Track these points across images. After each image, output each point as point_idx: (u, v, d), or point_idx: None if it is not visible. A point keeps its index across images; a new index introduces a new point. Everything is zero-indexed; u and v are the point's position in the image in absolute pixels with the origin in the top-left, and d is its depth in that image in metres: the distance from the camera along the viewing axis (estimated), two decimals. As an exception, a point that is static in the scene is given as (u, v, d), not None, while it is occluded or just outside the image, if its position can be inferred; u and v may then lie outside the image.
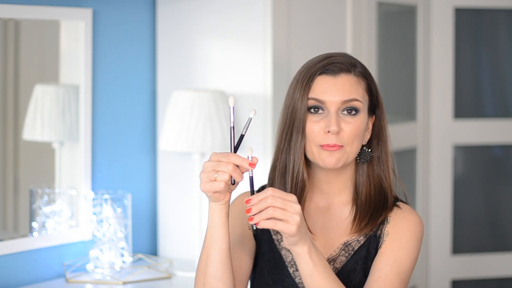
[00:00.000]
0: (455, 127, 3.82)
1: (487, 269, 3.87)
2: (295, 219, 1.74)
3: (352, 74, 1.95)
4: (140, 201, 3.10)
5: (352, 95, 1.93)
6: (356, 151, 1.95)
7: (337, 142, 1.91)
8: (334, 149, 1.91)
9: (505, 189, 3.97)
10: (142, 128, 3.11)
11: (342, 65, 1.95)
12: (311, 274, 1.81)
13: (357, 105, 1.93)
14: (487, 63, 3.93)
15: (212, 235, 1.86)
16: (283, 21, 2.96)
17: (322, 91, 1.93)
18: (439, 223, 3.80)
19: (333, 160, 1.91)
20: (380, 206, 1.97)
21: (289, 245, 1.79)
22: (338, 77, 1.94)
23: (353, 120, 1.93)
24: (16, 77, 2.79)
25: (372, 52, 3.42)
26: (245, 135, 1.81)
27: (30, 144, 2.83)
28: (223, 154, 1.79)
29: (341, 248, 1.97)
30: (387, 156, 2.00)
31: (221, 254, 1.86)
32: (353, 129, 1.92)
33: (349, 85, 1.93)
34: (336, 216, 2.00)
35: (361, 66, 1.98)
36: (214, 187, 1.79)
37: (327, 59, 1.96)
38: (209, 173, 1.79)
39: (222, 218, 1.85)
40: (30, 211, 2.82)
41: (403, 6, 3.72)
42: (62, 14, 2.82)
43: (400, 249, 1.94)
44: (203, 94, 2.86)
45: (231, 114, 1.80)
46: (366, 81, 1.97)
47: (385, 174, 1.99)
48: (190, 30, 3.07)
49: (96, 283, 2.77)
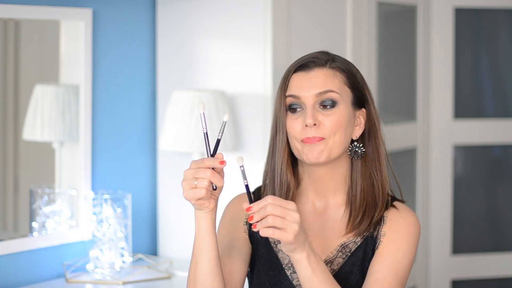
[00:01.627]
0: (455, 127, 3.82)
1: (487, 269, 3.87)
2: (293, 228, 1.74)
3: (326, 67, 1.95)
4: (140, 201, 3.10)
5: (327, 87, 1.93)
6: (341, 143, 1.94)
7: (317, 134, 1.91)
8: (315, 141, 1.91)
9: (505, 189, 3.97)
10: (142, 128, 3.11)
11: (316, 60, 1.96)
12: (309, 279, 1.81)
13: (333, 96, 1.93)
14: (487, 63, 3.93)
15: (200, 244, 1.87)
16: (283, 21, 2.96)
17: (296, 87, 1.94)
18: (439, 223, 3.80)
19: (315, 153, 1.91)
20: (373, 203, 1.97)
21: (288, 252, 1.80)
22: (311, 72, 1.95)
23: (331, 113, 1.93)
24: (16, 77, 2.79)
25: (372, 52, 3.42)
26: (221, 139, 1.82)
27: (30, 144, 2.83)
28: (199, 160, 1.80)
29: (338, 250, 1.97)
30: (379, 152, 1.99)
31: (209, 262, 1.87)
32: (332, 121, 1.92)
33: (323, 78, 1.94)
34: (332, 217, 2.00)
35: (342, 62, 1.97)
36: (196, 194, 1.80)
37: (302, 58, 1.98)
38: (190, 180, 1.81)
39: (209, 226, 1.86)
40: (30, 211, 2.82)
41: (403, 6, 3.72)
42: (62, 14, 2.82)
43: (397, 250, 1.93)
44: (203, 94, 2.86)
45: (203, 120, 1.81)
46: (344, 74, 1.96)
47: (377, 171, 1.98)
48: (190, 30, 3.07)
49: (96, 283, 2.77)
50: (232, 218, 2.04)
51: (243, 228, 2.03)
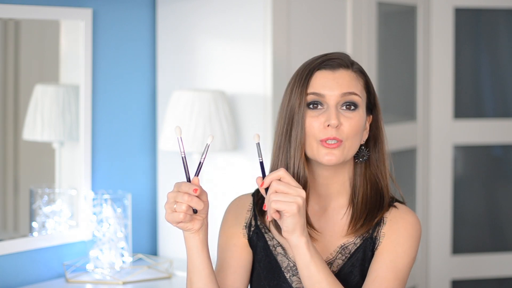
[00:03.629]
0: (455, 127, 3.82)
1: (487, 269, 3.87)
2: (297, 199, 1.79)
3: (350, 70, 1.96)
4: (140, 201, 3.10)
5: (351, 89, 1.93)
6: (355, 148, 1.95)
7: (337, 135, 1.91)
8: (333, 146, 1.91)
9: (505, 189, 3.97)
10: (142, 128, 3.11)
11: (340, 61, 1.96)
12: (308, 265, 1.83)
13: (356, 99, 1.94)
14: (487, 63, 3.93)
15: (192, 262, 1.90)
16: (283, 21, 2.96)
17: (321, 85, 1.93)
18: (439, 223, 3.80)
19: (333, 158, 1.91)
20: (376, 206, 1.97)
21: (287, 234, 1.82)
22: (337, 71, 1.94)
23: (352, 115, 1.93)
24: (16, 77, 2.79)
25: (372, 52, 3.42)
26: (203, 162, 1.84)
27: (30, 144, 2.83)
28: (177, 184, 1.84)
29: (338, 251, 1.97)
30: (384, 157, 2.00)
31: (204, 279, 1.90)
32: (352, 124, 1.92)
33: (348, 79, 1.94)
34: (332, 219, 1.99)
35: (358, 65, 1.99)
36: (175, 218, 1.84)
37: (325, 56, 1.98)
38: (171, 204, 1.84)
39: (198, 245, 1.89)
40: (30, 211, 2.82)
41: (403, 6, 3.72)
42: (62, 14, 2.82)
43: (397, 249, 1.93)
44: (203, 94, 2.86)
45: (180, 144, 1.83)
46: (364, 78, 1.98)
47: (381, 174, 1.99)
48: (190, 30, 3.07)
49: (96, 283, 2.77)
50: (231, 224, 2.04)
51: (242, 233, 2.03)
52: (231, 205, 2.08)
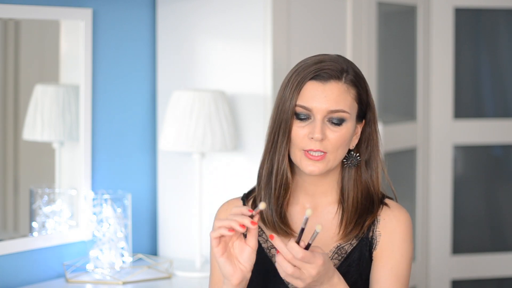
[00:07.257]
0: (455, 127, 3.82)
1: (487, 269, 3.87)
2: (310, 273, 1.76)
3: (342, 82, 1.94)
4: (140, 201, 3.10)
5: (339, 106, 1.92)
6: (340, 158, 1.95)
7: (321, 147, 1.91)
8: (317, 159, 1.91)
9: (505, 189, 3.97)
10: (142, 128, 3.11)
11: (332, 72, 1.93)
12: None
13: (343, 116, 1.93)
14: (487, 63, 3.93)
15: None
16: (283, 21, 2.96)
17: (310, 97, 1.92)
18: (439, 223, 3.80)
19: (315, 169, 1.92)
20: (366, 210, 1.97)
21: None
22: (327, 84, 1.93)
23: (338, 129, 1.92)
24: (16, 77, 2.79)
25: (372, 52, 3.42)
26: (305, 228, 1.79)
27: (30, 144, 2.83)
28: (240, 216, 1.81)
29: (334, 251, 1.97)
30: (376, 161, 1.99)
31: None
32: (337, 138, 1.92)
33: (338, 93, 1.92)
34: (323, 218, 1.99)
35: (353, 73, 1.96)
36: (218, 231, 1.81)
37: (318, 64, 1.95)
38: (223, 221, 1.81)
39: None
40: (30, 211, 2.82)
41: (403, 6, 3.72)
42: (62, 14, 2.82)
43: (395, 255, 1.94)
44: (203, 94, 2.86)
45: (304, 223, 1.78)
46: (356, 89, 1.95)
47: (373, 179, 1.99)
48: (190, 30, 3.07)
49: (96, 283, 2.77)
50: None
51: None
52: (220, 209, 2.07)
